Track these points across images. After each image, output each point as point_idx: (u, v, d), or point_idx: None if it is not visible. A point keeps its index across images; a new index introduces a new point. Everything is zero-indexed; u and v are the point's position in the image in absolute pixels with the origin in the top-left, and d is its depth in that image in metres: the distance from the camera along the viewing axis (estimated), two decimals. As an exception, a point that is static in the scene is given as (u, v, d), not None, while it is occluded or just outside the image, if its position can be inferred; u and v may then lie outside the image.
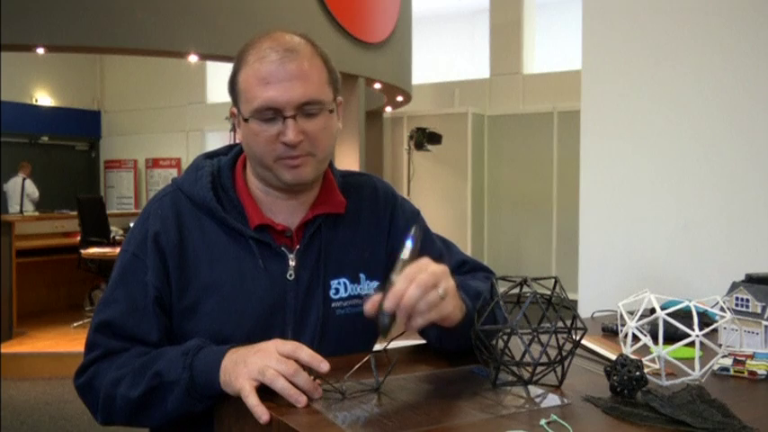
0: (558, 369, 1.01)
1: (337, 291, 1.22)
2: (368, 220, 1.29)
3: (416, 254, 1.04)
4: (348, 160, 7.11)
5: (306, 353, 0.98)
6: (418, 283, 0.98)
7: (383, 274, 1.20)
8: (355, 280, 1.24)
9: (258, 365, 0.96)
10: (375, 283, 1.25)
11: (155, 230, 1.18)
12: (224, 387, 1.00)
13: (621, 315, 1.10)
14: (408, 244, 1.05)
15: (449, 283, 1.03)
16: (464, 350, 1.11)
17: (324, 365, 0.96)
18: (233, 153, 1.29)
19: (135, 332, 1.15)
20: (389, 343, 1.03)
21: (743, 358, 1.11)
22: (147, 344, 1.15)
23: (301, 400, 0.93)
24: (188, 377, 1.03)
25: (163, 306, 1.17)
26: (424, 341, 1.22)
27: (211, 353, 1.04)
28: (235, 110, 1.22)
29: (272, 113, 1.13)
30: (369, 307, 1.01)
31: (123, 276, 1.18)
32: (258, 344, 1.02)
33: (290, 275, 1.19)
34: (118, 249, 6.19)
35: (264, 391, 0.95)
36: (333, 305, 1.22)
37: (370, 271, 1.26)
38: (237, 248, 1.19)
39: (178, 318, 1.17)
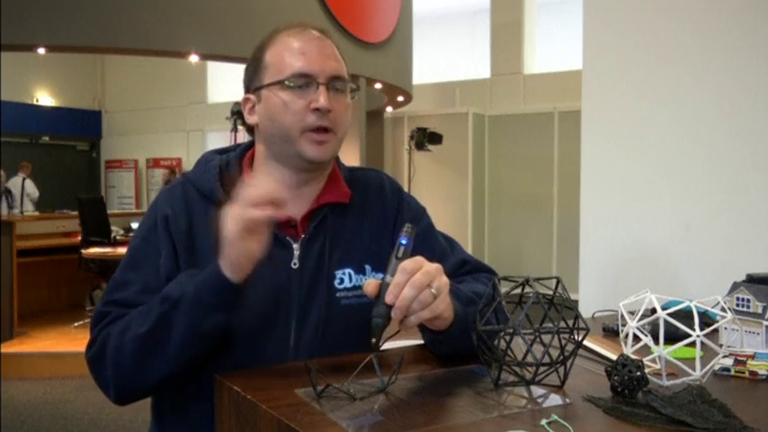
0: (561, 369, 1.01)
1: (342, 281, 1.22)
2: (374, 213, 1.30)
3: (409, 252, 1.05)
4: (349, 160, 7.06)
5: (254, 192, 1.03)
6: (412, 284, 1.00)
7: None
8: (360, 270, 1.24)
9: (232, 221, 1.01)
10: (380, 275, 1.25)
11: (164, 214, 1.19)
12: (225, 264, 1.03)
13: (622, 315, 1.10)
14: (402, 242, 1.05)
15: (441, 281, 1.04)
16: (458, 355, 1.13)
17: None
18: (240, 149, 1.31)
19: None
20: (384, 343, 1.03)
21: (744, 358, 1.11)
22: None
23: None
24: (192, 286, 1.05)
25: None
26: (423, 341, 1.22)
27: (206, 268, 1.08)
28: (250, 96, 1.23)
29: (305, 80, 1.17)
30: (371, 288, 1.03)
31: (134, 260, 1.19)
32: None
33: (295, 264, 1.20)
34: (119, 249, 6.17)
35: (263, 390, 0.96)
36: (337, 295, 1.22)
37: (375, 263, 1.25)
38: None
39: None
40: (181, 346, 1.06)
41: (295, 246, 1.21)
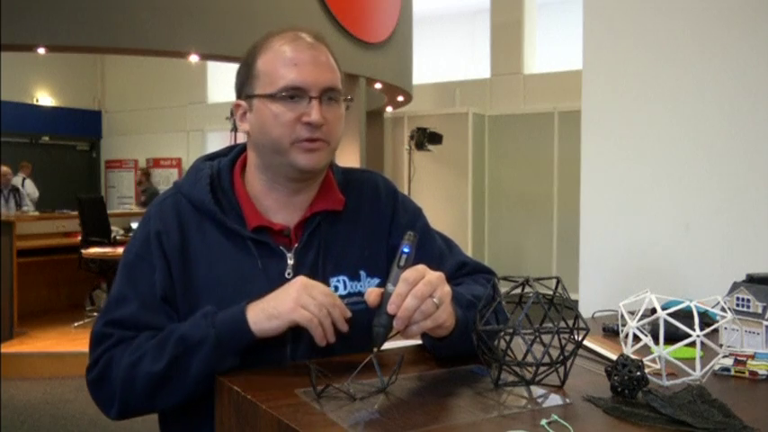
0: (561, 369, 1.01)
1: (336, 288, 1.22)
2: (368, 218, 1.29)
3: (411, 261, 1.05)
4: (349, 160, 7.12)
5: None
6: (415, 294, 1.01)
7: (384, 271, 1.20)
8: (355, 277, 1.24)
9: (302, 295, 1.07)
10: (376, 281, 1.25)
11: (157, 230, 1.19)
12: (257, 326, 1.07)
13: (622, 315, 1.10)
14: (404, 250, 1.05)
15: (444, 290, 1.04)
16: (459, 356, 1.13)
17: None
18: (232, 154, 1.29)
19: (150, 325, 1.14)
20: (383, 343, 1.03)
21: (744, 358, 1.11)
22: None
23: (330, 340, 1.07)
24: (214, 332, 1.07)
25: (170, 304, 1.18)
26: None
27: (230, 310, 1.10)
28: (241, 102, 1.22)
29: (297, 93, 1.16)
30: (373, 298, 1.03)
31: (130, 276, 1.18)
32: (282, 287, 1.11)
33: (289, 274, 1.19)
34: (119, 249, 6.17)
35: (263, 390, 0.95)
36: None
37: (370, 268, 1.25)
38: (236, 250, 1.19)
39: (180, 317, 1.18)
40: (195, 383, 1.08)
41: (289, 255, 1.21)
